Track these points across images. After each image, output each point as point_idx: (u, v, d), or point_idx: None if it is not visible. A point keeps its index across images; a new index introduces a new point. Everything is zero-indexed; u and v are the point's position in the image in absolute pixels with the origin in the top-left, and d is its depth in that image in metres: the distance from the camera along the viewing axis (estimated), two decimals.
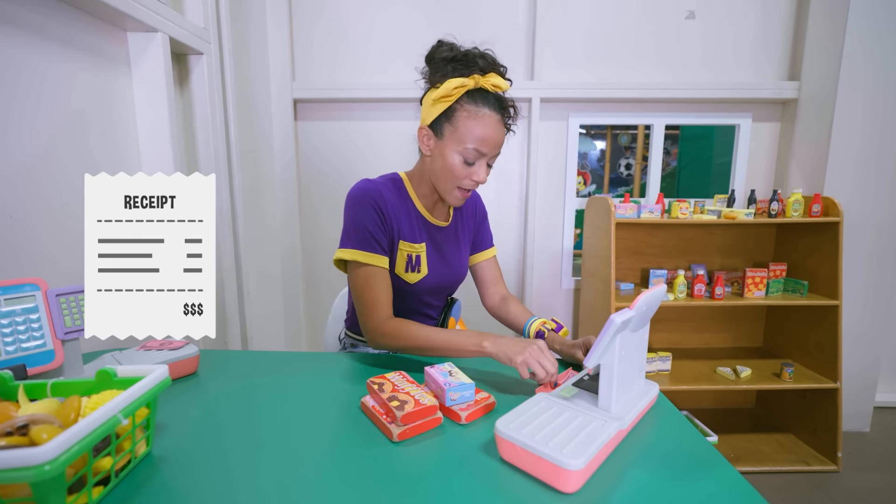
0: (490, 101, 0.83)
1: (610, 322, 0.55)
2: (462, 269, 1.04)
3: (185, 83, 1.41)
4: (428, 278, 0.94)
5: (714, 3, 2.07)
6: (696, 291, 1.89)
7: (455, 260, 1.01)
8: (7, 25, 0.88)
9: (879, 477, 1.79)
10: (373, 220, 0.86)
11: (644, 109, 2.18)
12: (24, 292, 0.69)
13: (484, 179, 0.87)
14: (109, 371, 0.57)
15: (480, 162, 0.86)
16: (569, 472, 0.49)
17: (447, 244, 0.99)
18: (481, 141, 0.83)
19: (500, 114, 0.85)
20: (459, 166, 0.85)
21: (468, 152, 0.83)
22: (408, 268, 0.92)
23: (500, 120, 0.85)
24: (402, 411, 0.60)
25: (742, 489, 0.51)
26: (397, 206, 0.90)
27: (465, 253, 1.05)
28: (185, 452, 0.58)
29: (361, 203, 0.86)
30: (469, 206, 1.07)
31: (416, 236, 0.92)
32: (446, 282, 1.00)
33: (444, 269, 0.98)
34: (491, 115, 0.83)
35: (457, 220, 1.03)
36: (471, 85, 0.82)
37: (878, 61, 1.86)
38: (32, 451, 0.39)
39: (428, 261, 0.94)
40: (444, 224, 0.99)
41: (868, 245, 1.99)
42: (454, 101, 0.83)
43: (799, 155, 2.09)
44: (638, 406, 0.64)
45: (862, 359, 2.06)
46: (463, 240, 1.04)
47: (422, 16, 2.08)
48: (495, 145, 0.85)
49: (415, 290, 0.94)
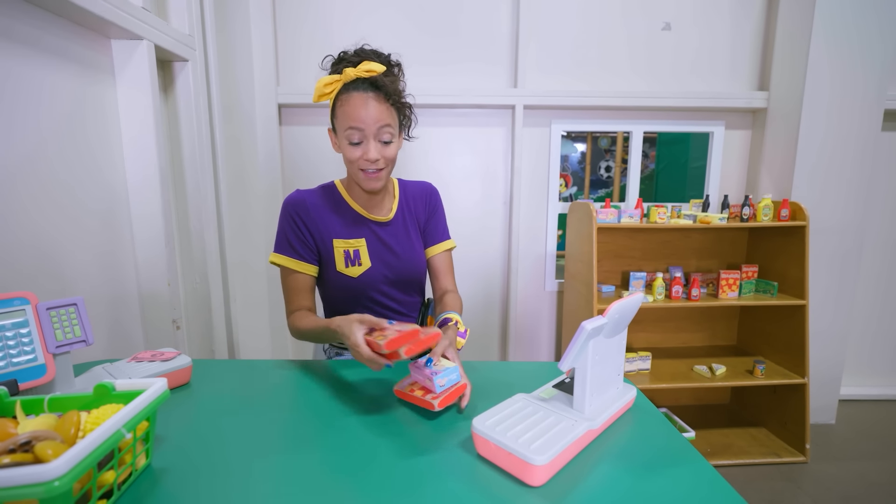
0: (361, 85, 0.88)
1: (581, 329, 0.59)
2: (417, 259, 1.05)
3: (169, 90, 1.40)
4: (372, 270, 0.99)
5: (688, 16, 2.16)
6: (673, 293, 1.96)
7: (406, 252, 1.03)
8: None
9: (844, 466, 1.89)
10: (290, 227, 0.97)
11: (623, 117, 2.25)
12: (14, 307, 0.69)
13: (373, 156, 0.89)
14: (108, 385, 0.58)
15: (367, 140, 0.89)
16: (534, 467, 0.53)
17: (393, 237, 1.03)
18: (353, 119, 0.87)
19: (371, 91, 0.88)
20: (350, 149, 0.90)
21: (349, 134, 0.89)
22: (347, 262, 0.98)
23: (371, 97, 0.87)
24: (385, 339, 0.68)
25: (716, 483, 0.56)
26: (325, 211, 0.99)
27: (417, 243, 1.06)
28: (184, 463, 0.60)
29: (283, 212, 0.98)
30: (419, 198, 1.08)
31: (351, 233, 0.99)
32: (397, 272, 1.02)
33: (393, 260, 1.02)
34: (360, 94, 0.87)
35: (403, 213, 1.05)
36: (343, 79, 0.88)
37: (840, 74, 1.97)
38: (42, 468, 0.40)
39: (371, 254, 0.99)
40: (386, 219, 1.02)
41: (833, 248, 2.10)
42: (335, 99, 0.90)
43: (768, 161, 2.20)
44: (613, 408, 0.68)
45: (827, 355, 2.18)
46: (413, 232, 1.06)
47: (407, 22, 2.10)
48: (369, 120, 0.87)
49: (361, 284, 0.99)
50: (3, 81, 0.90)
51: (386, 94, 0.89)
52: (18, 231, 0.94)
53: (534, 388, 0.74)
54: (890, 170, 2.30)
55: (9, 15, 0.91)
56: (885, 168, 2.29)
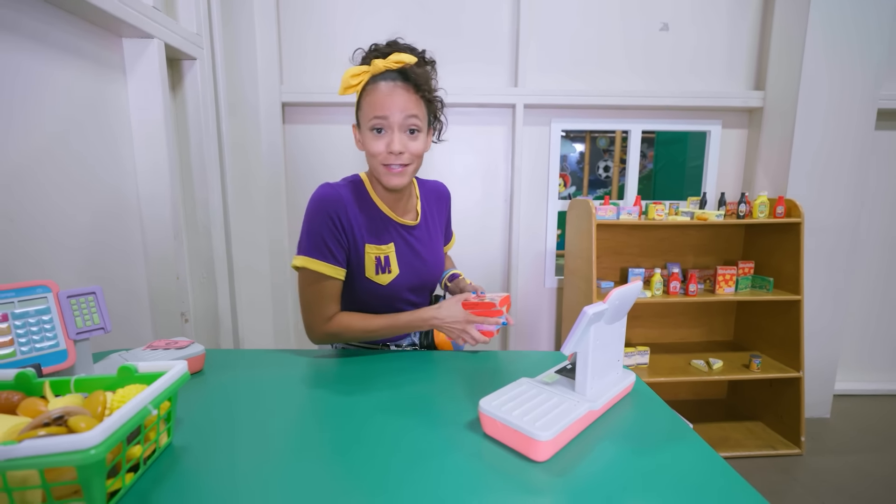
0: (389, 75, 0.85)
1: (583, 313, 0.62)
2: (439, 263, 1.05)
3: (177, 87, 1.43)
4: (400, 278, 0.95)
5: (686, 17, 2.20)
6: (671, 289, 1.99)
7: (431, 256, 1.01)
8: (7, 32, 0.90)
9: (839, 459, 1.93)
10: (329, 227, 0.87)
11: (622, 116, 2.29)
12: (37, 294, 0.72)
13: (397, 147, 0.84)
14: (131, 367, 0.61)
15: (389, 131, 0.85)
16: (539, 443, 0.56)
17: (420, 242, 0.99)
18: (378, 107, 0.83)
19: (400, 80, 0.85)
20: (374, 142, 0.85)
21: (374, 122, 0.84)
22: (377, 270, 0.93)
23: (399, 86, 0.84)
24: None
25: (714, 462, 0.59)
26: (358, 210, 0.91)
27: (440, 247, 1.07)
28: (203, 442, 0.62)
29: (317, 210, 0.88)
30: (438, 199, 1.08)
31: (382, 237, 0.93)
32: (423, 279, 1.00)
33: (421, 267, 0.99)
34: (386, 84, 0.84)
35: (426, 216, 1.03)
36: (372, 70, 0.84)
37: (834, 74, 2.01)
38: (80, 436, 0.43)
39: (399, 260, 0.95)
40: (414, 223, 0.99)
41: (828, 244, 2.14)
42: (361, 91, 0.87)
43: (764, 159, 2.23)
44: (613, 391, 0.71)
45: (822, 350, 2.22)
46: (436, 235, 1.05)
47: (408, 22, 2.13)
48: (395, 108, 0.84)
49: (389, 292, 0.95)
50: (21, 78, 0.93)
51: (416, 86, 0.85)
52: (34, 222, 0.96)
53: (537, 374, 0.77)
54: (883, 168, 2.34)
55: (26, 13, 0.93)
56: (878, 166, 2.33)
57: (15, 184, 0.93)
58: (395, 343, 1.05)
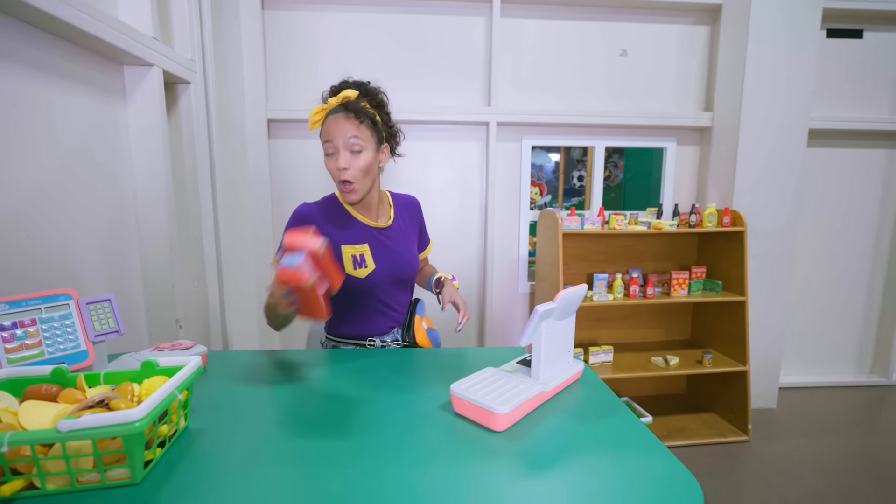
0: (337, 109, 1.05)
1: (535, 311, 0.76)
2: (413, 259, 1.23)
3: (172, 109, 1.51)
4: (377, 271, 1.13)
5: (643, 45, 2.41)
6: (631, 292, 2.17)
7: (404, 253, 1.20)
8: (18, 64, 0.99)
9: (782, 444, 2.14)
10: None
11: (586, 133, 2.48)
12: (60, 301, 0.81)
13: (342, 163, 1.03)
14: (153, 362, 0.71)
15: (336, 152, 1.04)
16: (498, 416, 0.70)
17: (392, 240, 1.18)
18: (326, 133, 1.05)
19: (342, 111, 1.04)
20: (328, 162, 1.06)
21: (325, 147, 1.06)
22: (355, 265, 1.12)
23: (341, 116, 1.04)
24: None
25: (639, 429, 0.73)
26: (332, 219, 1.12)
27: (413, 247, 1.26)
28: (215, 427, 0.73)
29: (292, 223, 1.11)
30: (409, 209, 1.28)
31: (357, 238, 1.13)
32: (399, 272, 1.18)
33: (394, 260, 1.17)
34: (333, 116, 1.05)
35: (399, 220, 1.23)
36: (327, 107, 1.06)
37: (771, 98, 2.25)
38: (128, 412, 0.54)
39: (374, 256, 1.14)
40: (386, 225, 1.19)
41: (769, 250, 2.37)
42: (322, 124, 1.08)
43: (714, 174, 2.46)
44: (563, 376, 0.85)
45: (767, 346, 2.44)
46: (409, 236, 1.25)
47: (389, 41, 2.27)
48: (338, 133, 1.03)
49: (368, 284, 1.13)
50: (29, 104, 1.01)
51: (355, 113, 1.04)
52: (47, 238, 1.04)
53: (502, 365, 0.91)
54: (817, 181, 2.60)
55: (44, 49, 1.02)
56: (812, 179, 2.59)
57: (30, 203, 1.02)
58: (380, 339, 1.19)
